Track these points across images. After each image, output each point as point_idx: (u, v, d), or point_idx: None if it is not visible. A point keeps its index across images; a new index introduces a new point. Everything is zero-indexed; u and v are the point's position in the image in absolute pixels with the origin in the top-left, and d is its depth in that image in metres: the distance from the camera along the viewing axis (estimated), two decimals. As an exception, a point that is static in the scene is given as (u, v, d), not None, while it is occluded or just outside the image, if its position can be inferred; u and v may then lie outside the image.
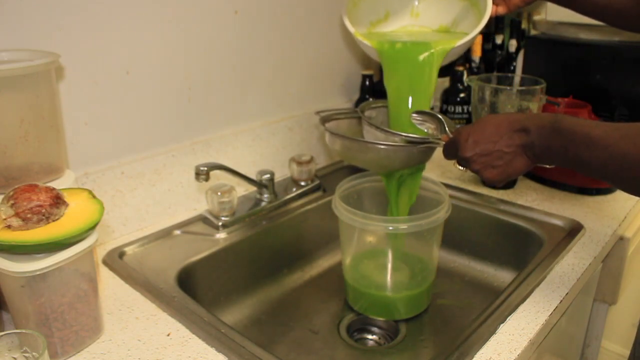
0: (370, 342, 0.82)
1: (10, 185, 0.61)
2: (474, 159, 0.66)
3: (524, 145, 0.63)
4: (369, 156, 0.77)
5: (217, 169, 0.88)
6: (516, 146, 0.63)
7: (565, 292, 0.72)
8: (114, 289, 0.74)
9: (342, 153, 0.81)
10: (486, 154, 0.65)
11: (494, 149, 0.64)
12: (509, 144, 0.64)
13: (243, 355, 0.61)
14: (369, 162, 0.80)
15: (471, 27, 0.80)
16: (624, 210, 0.95)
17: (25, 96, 0.64)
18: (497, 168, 0.65)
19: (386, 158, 0.76)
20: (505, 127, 0.64)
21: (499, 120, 0.65)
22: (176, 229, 0.90)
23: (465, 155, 0.67)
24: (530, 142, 0.62)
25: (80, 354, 0.61)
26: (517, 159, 0.64)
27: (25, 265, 0.54)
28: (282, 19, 1.05)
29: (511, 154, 0.64)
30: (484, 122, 0.67)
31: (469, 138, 0.66)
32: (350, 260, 0.80)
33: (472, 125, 0.67)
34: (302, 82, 1.14)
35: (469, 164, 0.67)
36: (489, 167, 0.66)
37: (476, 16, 0.85)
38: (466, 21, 0.87)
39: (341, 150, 0.81)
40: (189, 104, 0.94)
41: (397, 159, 0.76)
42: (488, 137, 0.65)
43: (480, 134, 0.66)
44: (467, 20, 0.87)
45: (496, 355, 0.61)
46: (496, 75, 1.04)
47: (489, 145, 0.65)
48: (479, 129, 0.66)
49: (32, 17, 0.72)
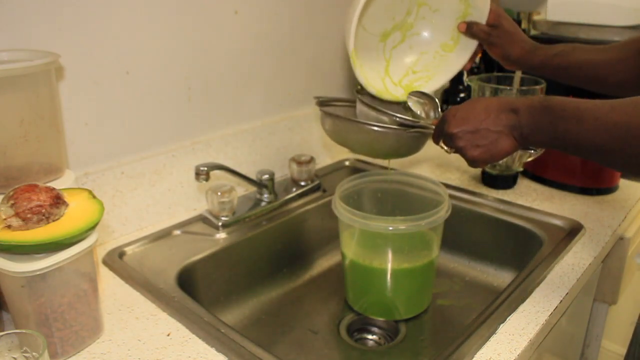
0: (370, 342, 0.82)
1: (10, 185, 0.61)
2: (460, 135, 0.66)
3: (512, 126, 0.62)
4: (358, 137, 0.77)
5: (217, 169, 0.88)
6: (503, 126, 0.63)
7: (565, 292, 0.72)
8: (114, 289, 0.74)
9: (332, 133, 0.81)
10: (472, 131, 0.65)
11: (481, 127, 0.64)
12: (496, 123, 0.63)
13: (243, 355, 0.61)
14: (357, 144, 0.79)
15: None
16: (624, 210, 0.95)
17: (25, 96, 0.64)
18: (481, 147, 0.65)
19: (375, 140, 0.75)
20: (495, 107, 0.64)
21: (490, 101, 0.65)
22: (176, 229, 0.90)
23: (451, 131, 0.67)
24: (518, 122, 0.62)
25: (80, 354, 0.61)
26: (503, 139, 0.64)
27: (25, 265, 0.54)
28: (282, 19, 1.05)
29: (497, 133, 0.63)
30: (474, 101, 0.67)
31: (457, 114, 0.66)
32: (350, 260, 0.80)
33: (463, 104, 0.67)
34: (302, 82, 1.14)
35: (453, 140, 0.67)
36: (474, 145, 0.65)
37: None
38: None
39: (330, 129, 0.80)
40: (189, 104, 0.94)
41: (386, 142, 0.75)
42: (476, 115, 0.65)
43: (469, 112, 0.66)
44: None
45: (496, 355, 0.61)
46: (496, 75, 1.04)
47: (476, 123, 0.64)
48: (469, 107, 0.66)
49: (32, 17, 0.72)
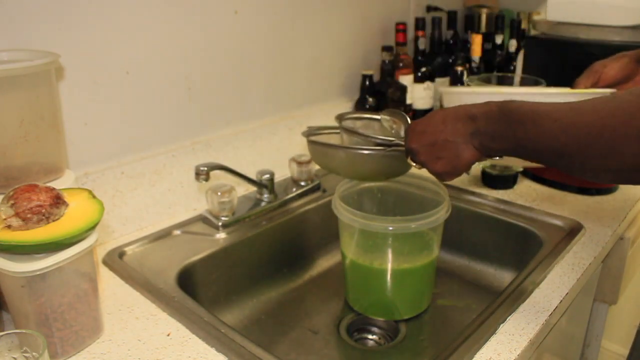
0: (370, 342, 0.82)
1: (10, 185, 0.61)
2: (420, 150, 0.64)
3: (471, 134, 0.59)
4: (336, 161, 0.75)
5: (217, 169, 0.88)
6: (461, 135, 0.60)
7: (565, 292, 0.72)
8: (114, 289, 0.74)
9: (315, 159, 0.80)
10: (431, 143, 0.62)
11: (439, 139, 0.62)
12: (454, 132, 0.60)
13: (243, 355, 0.61)
14: (340, 168, 0.78)
15: None
16: (624, 210, 0.95)
17: (25, 96, 0.64)
18: (442, 159, 0.62)
19: (354, 163, 0.74)
20: (452, 116, 0.61)
21: (447, 111, 0.63)
22: (176, 229, 0.90)
23: (411, 146, 0.65)
24: (477, 130, 0.59)
25: (80, 354, 0.61)
26: (464, 149, 0.61)
27: (25, 265, 0.54)
28: (282, 18, 1.05)
29: (456, 143, 0.61)
30: (433, 113, 0.64)
31: (416, 128, 0.64)
32: (350, 260, 0.80)
33: (424, 117, 0.65)
34: (302, 82, 1.14)
35: (415, 155, 0.65)
36: (435, 158, 0.63)
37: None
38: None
39: (312, 156, 0.80)
40: (189, 104, 0.94)
41: (365, 164, 0.74)
42: (434, 127, 0.62)
43: (427, 124, 0.63)
44: None
45: (496, 355, 0.61)
46: (496, 75, 1.04)
47: (434, 135, 0.62)
48: (427, 120, 0.64)
49: (32, 17, 0.72)
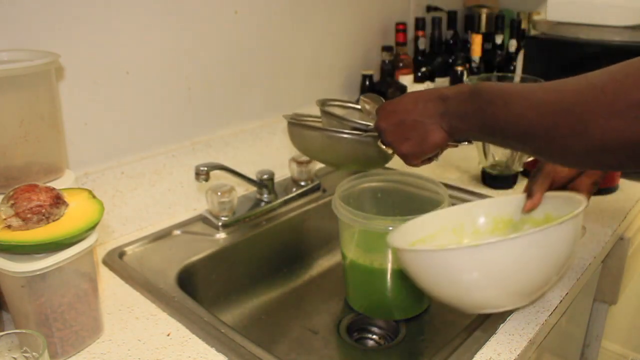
0: (370, 342, 0.82)
1: (10, 185, 0.61)
2: (388, 129, 0.63)
3: (440, 114, 0.58)
4: (312, 144, 0.75)
5: (217, 169, 0.88)
6: (430, 115, 0.59)
7: (565, 292, 0.72)
8: (114, 289, 0.74)
9: (294, 142, 0.80)
10: (400, 123, 0.61)
11: (408, 118, 0.60)
12: (424, 112, 0.59)
13: (243, 355, 0.61)
14: (315, 152, 0.77)
15: None
16: (624, 210, 0.95)
17: (25, 96, 0.64)
18: (410, 140, 0.61)
19: (328, 146, 0.73)
20: (424, 96, 0.60)
21: (420, 92, 0.61)
22: (176, 229, 0.90)
23: (379, 124, 0.63)
24: (446, 110, 0.58)
25: (80, 354, 0.61)
26: (432, 130, 0.59)
27: (25, 265, 0.54)
28: (282, 18, 1.05)
29: (425, 124, 0.59)
30: (406, 94, 0.63)
31: (387, 107, 0.63)
32: (350, 260, 0.80)
33: (396, 97, 0.64)
34: (302, 82, 1.14)
35: (384, 135, 0.64)
36: (402, 138, 0.62)
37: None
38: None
39: (291, 139, 0.79)
40: (189, 104, 0.94)
41: (340, 148, 0.73)
42: (404, 106, 0.61)
43: (398, 104, 0.62)
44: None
45: (496, 355, 0.61)
46: (496, 75, 1.04)
47: (403, 114, 0.61)
48: (398, 99, 0.63)
49: (32, 17, 0.72)
